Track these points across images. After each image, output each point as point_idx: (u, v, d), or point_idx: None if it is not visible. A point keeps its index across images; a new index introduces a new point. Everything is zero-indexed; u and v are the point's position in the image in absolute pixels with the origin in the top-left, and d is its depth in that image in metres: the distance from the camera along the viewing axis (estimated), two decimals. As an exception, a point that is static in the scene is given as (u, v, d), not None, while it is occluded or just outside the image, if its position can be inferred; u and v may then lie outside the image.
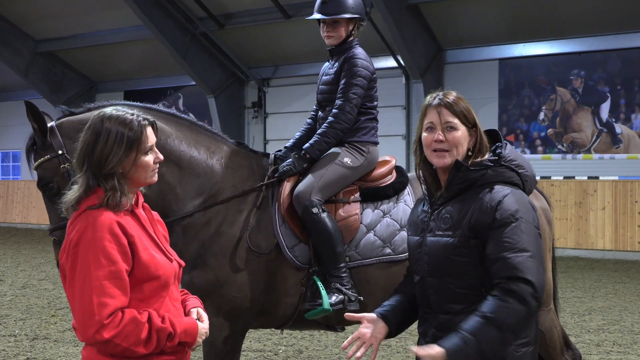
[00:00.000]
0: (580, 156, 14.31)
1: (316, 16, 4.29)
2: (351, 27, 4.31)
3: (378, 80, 4.39)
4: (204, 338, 2.59)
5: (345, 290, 3.94)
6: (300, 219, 4.02)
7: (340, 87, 4.21)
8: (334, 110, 4.20)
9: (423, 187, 2.78)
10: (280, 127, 17.60)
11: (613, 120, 14.01)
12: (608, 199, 13.50)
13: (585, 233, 13.63)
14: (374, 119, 4.36)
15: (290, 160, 4.18)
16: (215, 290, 3.92)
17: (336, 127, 4.17)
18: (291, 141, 4.54)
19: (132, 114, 2.52)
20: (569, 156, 14.43)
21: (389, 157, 4.40)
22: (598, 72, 14.09)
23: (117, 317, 2.36)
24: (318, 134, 4.21)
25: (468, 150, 2.64)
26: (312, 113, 4.59)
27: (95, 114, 2.55)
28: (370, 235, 4.09)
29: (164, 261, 2.53)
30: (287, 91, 17.62)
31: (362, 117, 4.27)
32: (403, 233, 4.09)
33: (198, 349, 2.98)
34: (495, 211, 2.49)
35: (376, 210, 4.16)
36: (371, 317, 2.70)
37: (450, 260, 2.56)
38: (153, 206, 3.03)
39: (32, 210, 20.64)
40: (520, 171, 2.64)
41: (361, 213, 4.14)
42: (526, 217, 2.50)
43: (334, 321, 4.15)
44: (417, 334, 2.80)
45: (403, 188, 4.25)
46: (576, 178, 14.27)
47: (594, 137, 14.17)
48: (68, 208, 2.49)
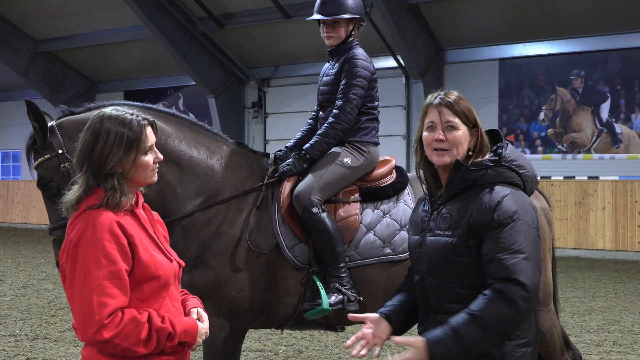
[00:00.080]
0: (580, 156, 14.31)
1: (316, 17, 4.29)
2: (351, 28, 4.30)
3: (378, 80, 4.39)
4: (204, 338, 2.59)
5: (344, 290, 3.94)
6: (300, 219, 4.02)
7: (340, 88, 4.21)
8: (334, 110, 4.20)
9: (424, 187, 2.78)
10: (280, 127, 17.60)
11: (613, 120, 14.01)
12: (608, 199, 13.50)
13: (585, 233, 13.63)
14: (375, 119, 4.36)
15: (290, 160, 4.18)
16: (215, 290, 3.92)
17: (336, 128, 4.17)
18: (292, 141, 4.54)
19: (132, 114, 2.52)
20: (569, 156, 14.43)
21: (389, 157, 4.40)
22: (598, 72, 14.09)
23: (117, 317, 2.36)
24: (318, 134, 4.21)
25: (469, 150, 2.64)
26: (313, 113, 4.59)
27: (94, 114, 2.55)
28: (370, 235, 4.09)
29: (164, 261, 2.53)
30: (287, 91, 17.62)
31: (363, 118, 4.27)
32: (403, 233, 4.09)
33: (198, 349, 2.98)
34: (493, 212, 2.49)
35: (376, 210, 4.16)
36: (374, 318, 2.70)
37: (449, 260, 2.56)
38: (153, 206, 3.03)
39: (32, 210, 20.64)
40: (521, 171, 2.64)
41: (361, 213, 4.14)
42: (524, 219, 2.50)
43: (334, 321, 4.15)
44: (418, 334, 2.80)
45: (403, 188, 4.25)
46: (576, 178, 14.27)
47: (594, 137, 14.17)
48: (68, 208, 2.49)
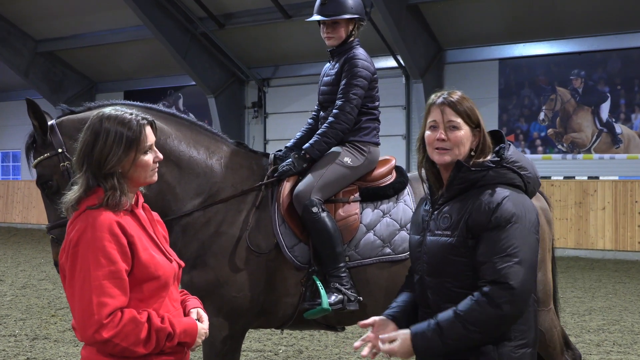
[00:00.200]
0: (580, 156, 14.31)
1: (316, 17, 4.29)
2: (351, 28, 4.30)
3: (378, 80, 4.39)
4: (204, 338, 2.59)
5: (344, 290, 3.93)
6: (300, 219, 4.02)
7: (340, 88, 4.21)
8: (334, 110, 4.19)
9: (425, 186, 2.78)
10: (280, 127, 17.60)
11: (613, 120, 14.01)
12: (608, 199, 13.50)
13: (585, 233, 13.63)
14: (376, 120, 4.36)
15: (290, 160, 4.18)
16: (215, 290, 3.92)
17: (336, 128, 4.17)
18: (292, 141, 4.54)
19: (131, 114, 2.52)
20: (569, 156, 14.43)
21: (389, 157, 4.40)
22: (598, 72, 14.09)
23: (117, 317, 2.36)
24: (318, 134, 4.21)
25: (471, 150, 2.63)
26: (313, 113, 4.58)
27: (94, 114, 2.55)
28: (370, 235, 4.09)
29: (164, 261, 2.53)
30: (287, 91, 17.62)
31: (364, 117, 4.27)
32: (403, 233, 4.09)
33: (198, 349, 2.97)
34: (491, 213, 2.49)
35: (376, 210, 4.16)
36: (381, 320, 2.69)
37: (448, 260, 2.56)
38: (152, 206, 3.03)
39: (32, 210, 20.65)
40: (522, 173, 2.63)
41: (361, 213, 4.13)
42: (522, 222, 2.49)
43: (334, 321, 4.15)
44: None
45: (403, 188, 4.24)
46: (576, 178, 14.27)
47: (594, 137, 14.17)
48: (68, 208, 2.49)
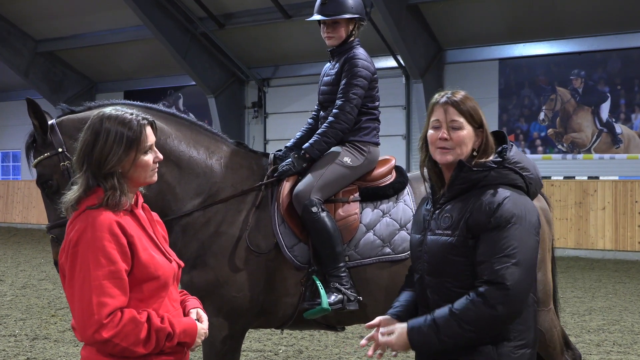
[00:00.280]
0: (580, 156, 14.31)
1: (316, 17, 4.29)
2: (351, 28, 4.30)
3: (378, 80, 4.39)
4: (203, 339, 2.59)
5: (344, 289, 3.93)
6: (299, 219, 4.02)
7: (340, 88, 4.21)
8: (334, 110, 4.19)
9: (427, 185, 2.78)
10: (280, 127, 17.60)
11: (613, 120, 14.00)
12: (608, 199, 13.50)
13: (585, 233, 13.63)
14: (376, 119, 4.36)
15: (289, 159, 4.18)
16: (215, 290, 3.92)
17: (336, 127, 4.17)
18: (292, 141, 4.54)
19: (132, 114, 2.52)
20: (569, 156, 14.43)
21: (389, 157, 4.40)
22: (598, 72, 14.09)
23: (117, 317, 2.36)
24: (318, 134, 4.21)
25: (473, 150, 2.63)
26: (314, 113, 4.58)
27: (94, 114, 2.55)
28: (369, 234, 4.09)
29: (164, 261, 2.53)
30: (287, 91, 17.62)
31: (364, 117, 4.27)
32: (402, 232, 4.09)
33: (198, 349, 2.98)
34: (492, 213, 2.48)
35: (376, 209, 4.16)
36: (386, 320, 2.69)
37: (448, 259, 2.56)
38: (152, 206, 3.03)
39: (32, 210, 20.65)
40: (524, 174, 2.62)
41: (361, 212, 4.13)
42: (522, 223, 2.49)
43: (334, 321, 4.15)
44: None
45: (403, 188, 4.24)
46: (576, 178, 14.27)
47: (594, 137, 14.17)
48: (68, 208, 2.48)
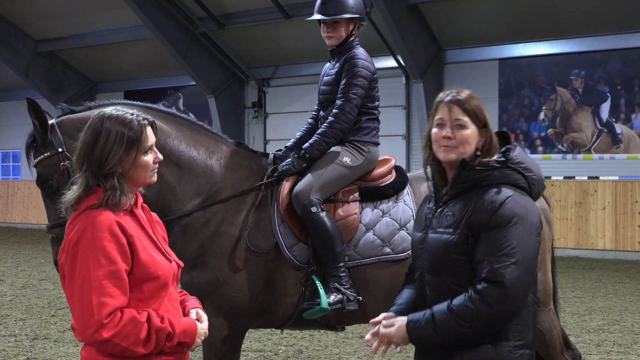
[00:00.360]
0: (580, 156, 14.31)
1: (316, 17, 4.29)
2: (351, 27, 4.30)
3: (378, 80, 4.39)
4: (203, 338, 2.59)
5: (344, 289, 3.93)
6: (299, 219, 4.02)
7: (340, 87, 4.21)
8: (334, 110, 4.19)
9: (430, 184, 2.79)
10: (280, 127, 17.60)
11: (613, 120, 14.00)
12: (608, 199, 13.50)
13: (585, 233, 13.63)
14: (376, 119, 4.36)
15: (289, 159, 4.18)
16: (215, 290, 3.92)
17: (336, 127, 4.17)
18: (292, 141, 4.54)
19: (132, 114, 2.52)
20: (569, 156, 14.43)
21: (389, 157, 4.40)
22: (598, 72, 14.09)
23: (117, 317, 2.36)
24: (318, 134, 4.21)
25: (477, 150, 2.63)
26: (314, 113, 4.58)
27: (95, 114, 2.55)
28: (369, 234, 4.09)
29: (163, 261, 2.53)
30: (287, 91, 17.62)
31: (364, 117, 4.27)
32: (402, 232, 4.09)
33: (197, 349, 2.98)
34: (493, 212, 2.49)
35: (375, 209, 4.16)
36: (389, 316, 2.70)
37: (449, 257, 2.56)
38: (152, 206, 3.03)
39: (32, 210, 20.65)
40: (527, 174, 2.62)
41: (360, 212, 4.13)
42: (523, 223, 2.49)
43: (334, 321, 4.15)
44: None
45: (402, 188, 4.24)
46: (576, 178, 14.27)
47: (594, 137, 14.17)
48: (67, 208, 2.48)
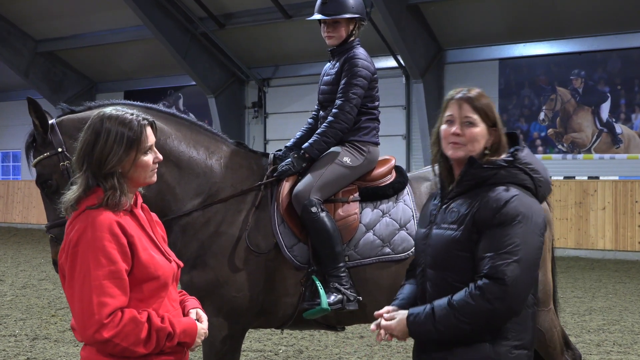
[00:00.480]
0: (580, 156, 14.31)
1: (316, 16, 4.29)
2: (352, 27, 4.30)
3: (378, 80, 4.39)
4: (203, 338, 2.59)
5: (344, 289, 3.93)
6: (299, 219, 4.02)
7: (340, 87, 4.21)
8: (334, 110, 4.19)
9: (437, 180, 2.79)
10: (280, 127, 17.60)
11: (613, 120, 14.00)
12: (608, 199, 13.49)
13: (585, 233, 13.63)
14: (376, 119, 4.36)
15: (289, 159, 4.18)
16: (215, 290, 3.92)
17: (336, 127, 4.17)
18: (292, 141, 4.54)
19: (132, 114, 2.52)
20: (569, 156, 14.42)
21: (389, 157, 4.40)
22: (598, 72, 14.09)
23: (117, 317, 2.36)
24: (317, 134, 4.21)
25: (485, 148, 2.63)
26: (314, 113, 4.58)
27: (95, 114, 2.55)
28: (369, 234, 4.09)
29: (163, 261, 2.53)
30: (288, 91, 17.62)
31: (363, 117, 4.27)
32: (402, 233, 4.09)
33: (198, 349, 2.98)
34: (498, 210, 2.49)
35: (375, 209, 4.16)
36: (392, 310, 2.71)
37: (452, 253, 2.57)
38: (152, 206, 3.03)
39: (33, 210, 20.65)
40: (534, 175, 2.62)
41: (360, 212, 4.13)
42: (527, 223, 2.49)
43: (334, 321, 4.15)
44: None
45: (402, 188, 4.24)
46: (576, 178, 14.27)
47: (594, 137, 14.17)
48: (67, 208, 2.48)
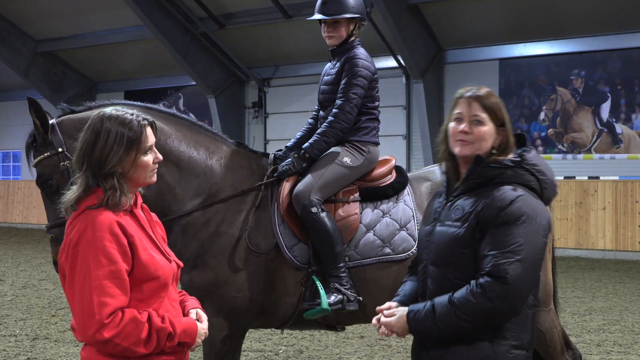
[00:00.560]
0: (580, 156, 14.31)
1: (317, 16, 4.29)
2: (352, 27, 4.30)
3: (378, 80, 4.39)
4: (203, 338, 2.59)
5: (344, 290, 3.93)
6: (299, 219, 4.02)
7: (340, 87, 4.21)
8: (334, 110, 4.19)
9: (443, 178, 2.79)
10: (280, 127, 17.60)
11: (613, 120, 14.00)
12: (608, 199, 13.49)
13: (585, 233, 13.63)
14: (376, 119, 4.36)
15: (289, 159, 4.17)
16: (215, 290, 3.92)
17: (336, 127, 4.17)
18: (292, 141, 4.53)
19: (132, 114, 2.52)
20: (570, 156, 14.42)
21: (389, 157, 4.40)
22: (598, 72, 14.09)
23: (117, 317, 2.36)
24: (318, 134, 4.21)
25: (493, 148, 2.64)
26: (314, 113, 4.58)
27: (95, 114, 2.55)
28: (369, 235, 4.09)
29: (163, 261, 2.53)
30: (288, 91, 17.62)
31: (363, 117, 4.27)
32: (403, 233, 4.09)
33: (198, 349, 2.98)
34: (502, 209, 2.49)
35: (376, 210, 4.15)
36: (394, 306, 2.71)
37: (454, 251, 2.57)
38: (152, 206, 3.03)
39: (33, 210, 20.65)
40: (540, 177, 2.63)
41: (361, 213, 4.13)
42: (531, 223, 2.49)
43: (334, 321, 4.15)
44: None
45: (403, 188, 4.24)
46: (577, 178, 14.27)
47: (595, 137, 14.17)
48: (67, 208, 2.48)
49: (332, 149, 4.21)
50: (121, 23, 17.78)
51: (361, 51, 4.27)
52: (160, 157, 2.59)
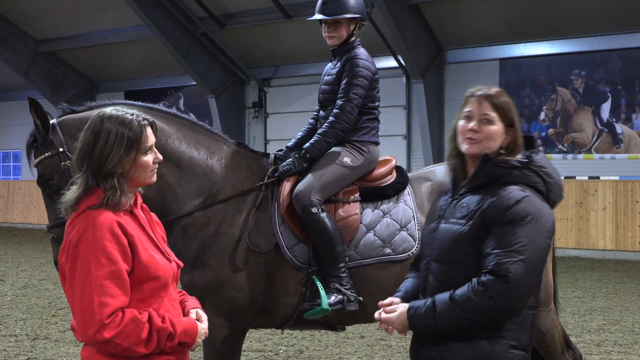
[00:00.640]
0: (580, 156, 14.31)
1: (317, 17, 4.29)
2: (353, 27, 4.30)
3: (379, 80, 4.39)
4: (204, 338, 2.60)
5: (344, 290, 3.93)
6: (299, 219, 4.02)
7: (341, 87, 4.21)
8: (335, 110, 4.19)
9: (450, 176, 2.79)
10: (280, 127, 17.60)
11: (614, 120, 14.00)
12: (609, 199, 13.49)
13: (586, 233, 13.63)
14: (376, 119, 4.36)
15: (290, 159, 4.18)
16: (215, 290, 3.92)
17: (336, 127, 4.17)
18: (292, 141, 4.53)
19: (132, 114, 2.52)
20: (570, 156, 14.42)
21: (389, 157, 4.40)
22: (599, 72, 14.09)
23: (118, 317, 2.36)
24: (318, 134, 4.21)
25: (501, 148, 2.64)
26: (314, 113, 4.58)
27: (95, 114, 2.55)
28: (370, 235, 4.09)
29: (163, 261, 2.53)
30: (288, 91, 17.62)
31: (363, 117, 4.27)
32: (403, 233, 4.09)
33: (198, 349, 2.98)
34: (508, 209, 2.50)
35: (376, 210, 4.16)
36: (396, 302, 2.72)
37: (457, 248, 2.57)
38: (153, 206, 3.03)
39: (33, 210, 20.65)
40: (547, 179, 2.63)
41: (361, 213, 4.13)
42: (536, 224, 2.49)
43: (334, 321, 4.15)
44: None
45: (403, 188, 4.24)
46: (577, 178, 14.27)
47: (595, 137, 14.17)
48: (67, 208, 2.48)
49: (333, 149, 4.21)
50: (122, 23, 17.78)
51: (362, 51, 4.27)
52: (160, 157, 2.59)
